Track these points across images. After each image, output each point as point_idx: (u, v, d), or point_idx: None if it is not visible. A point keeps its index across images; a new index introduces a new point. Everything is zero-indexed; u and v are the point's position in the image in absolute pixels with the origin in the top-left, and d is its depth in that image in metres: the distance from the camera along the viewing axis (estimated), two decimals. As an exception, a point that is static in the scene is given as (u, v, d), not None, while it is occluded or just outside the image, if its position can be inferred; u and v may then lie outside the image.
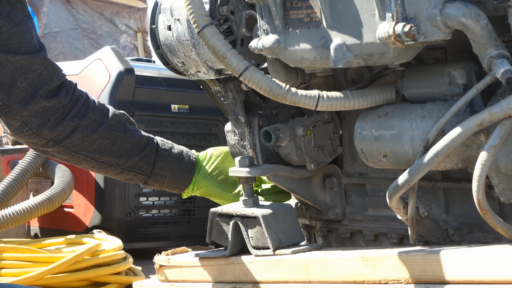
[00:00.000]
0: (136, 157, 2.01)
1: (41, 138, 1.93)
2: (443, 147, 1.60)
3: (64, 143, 1.95)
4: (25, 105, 1.88)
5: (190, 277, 1.99)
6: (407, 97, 1.79)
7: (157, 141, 2.06)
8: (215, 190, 2.09)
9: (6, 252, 2.54)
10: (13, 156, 3.17)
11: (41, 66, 1.90)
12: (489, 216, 1.59)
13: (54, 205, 2.88)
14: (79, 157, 1.98)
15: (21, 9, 1.89)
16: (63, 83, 1.94)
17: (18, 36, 1.86)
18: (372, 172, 2.04)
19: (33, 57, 1.88)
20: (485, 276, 1.49)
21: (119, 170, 2.01)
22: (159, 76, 3.27)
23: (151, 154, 2.03)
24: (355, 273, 1.68)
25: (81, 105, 1.95)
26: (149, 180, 2.04)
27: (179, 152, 2.08)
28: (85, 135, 1.95)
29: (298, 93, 1.70)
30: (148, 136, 2.05)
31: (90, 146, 1.96)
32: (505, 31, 1.59)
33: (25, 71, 1.87)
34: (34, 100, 1.88)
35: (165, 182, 2.06)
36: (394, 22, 1.58)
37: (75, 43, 6.62)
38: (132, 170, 2.02)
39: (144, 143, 2.02)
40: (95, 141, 1.96)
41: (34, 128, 1.91)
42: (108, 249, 2.62)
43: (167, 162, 2.04)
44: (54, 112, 1.91)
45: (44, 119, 1.90)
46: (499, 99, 1.58)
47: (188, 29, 1.97)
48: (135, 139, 2.01)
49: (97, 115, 1.97)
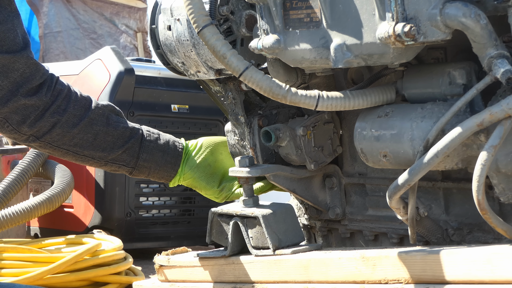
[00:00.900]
0: (119, 150, 2.00)
1: (21, 134, 1.93)
2: (443, 147, 1.60)
3: (44, 138, 1.95)
4: (5, 102, 1.88)
5: (190, 277, 1.99)
6: (407, 97, 1.79)
7: (142, 132, 2.03)
8: (200, 182, 2.08)
9: (6, 252, 2.54)
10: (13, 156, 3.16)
11: (24, 65, 1.89)
12: (489, 216, 1.59)
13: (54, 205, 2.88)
14: (61, 151, 1.98)
15: (8, 5, 1.87)
16: (45, 80, 1.94)
17: (2, 34, 1.85)
18: (372, 172, 2.04)
19: (16, 56, 1.88)
20: (485, 276, 1.49)
21: (103, 162, 2.01)
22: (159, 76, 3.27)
23: (135, 146, 2.01)
24: (355, 273, 1.68)
25: (62, 100, 1.94)
26: (134, 171, 2.04)
27: (165, 142, 2.06)
28: (65, 130, 1.95)
29: (298, 93, 1.70)
30: (133, 127, 2.03)
31: (71, 140, 1.96)
32: (505, 31, 1.59)
33: (7, 69, 1.87)
34: (14, 98, 1.88)
35: (150, 173, 2.05)
36: (394, 22, 1.58)
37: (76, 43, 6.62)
38: (115, 162, 2.01)
39: (128, 135, 2.01)
40: (76, 136, 1.96)
41: (14, 124, 1.91)
42: (108, 249, 2.62)
43: (151, 154, 2.03)
44: (34, 110, 1.91)
45: (24, 116, 1.91)
46: (499, 99, 1.58)
47: (188, 29, 1.97)
48: (118, 132, 2.00)
49: (78, 109, 1.96)
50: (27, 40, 1.93)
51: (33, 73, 1.91)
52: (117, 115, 2.03)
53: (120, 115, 2.04)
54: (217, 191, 2.08)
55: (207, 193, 2.09)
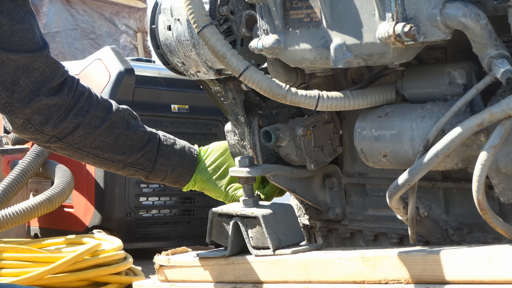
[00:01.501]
0: (138, 153, 2.02)
1: (44, 135, 1.94)
2: (443, 147, 1.60)
3: (66, 139, 1.95)
4: (28, 103, 1.89)
5: (190, 277, 1.99)
6: (407, 97, 1.79)
7: (159, 136, 2.06)
8: (209, 184, 2.10)
9: (6, 252, 2.54)
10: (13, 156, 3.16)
11: (44, 64, 1.90)
12: (489, 216, 1.59)
13: (54, 205, 2.88)
14: (81, 153, 1.99)
15: (23, 6, 1.88)
16: (66, 80, 1.95)
17: (20, 34, 1.86)
18: (372, 172, 2.04)
19: (35, 55, 1.88)
20: (485, 276, 1.49)
21: (121, 166, 2.02)
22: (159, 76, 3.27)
23: (153, 150, 2.03)
24: (355, 273, 1.68)
25: (84, 101, 1.96)
26: (150, 176, 2.05)
27: (181, 147, 2.08)
28: (88, 132, 1.95)
29: (298, 93, 1.70)
30: (151, 131, 2.05)
31: (93, 142, 1.97)
32: (505, 31, 1.59)
33: (28, 69, 1.87)
34: (36, 98, 1.89)
35: (166, 177, 2.07)
36: (394, 22, 1.58)
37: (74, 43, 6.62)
38: (133, 166, 2.03)
39: (146, 139, 2.03)
40: (98, 138, 1.97)
41: (37, 125, 1.92)
42: (108, 249, 2.62)
43: (168, 158, 2.05)
44: (57, 109, 1.92)
45: (47, 116, 1.91)
46: (499, 99, 1.58)
47: (188, 29, 1.97)
48: (137, 136, 2.02)
49: (100, 111, 1.98)
50: (45, 39, 1.94)
51: (54, 72, 1.92)
52: (135, 119, 2.05)
53: (137, 119, 2.06)
54: (225, 193, 2.09)
55: (216, 194, 2.11)
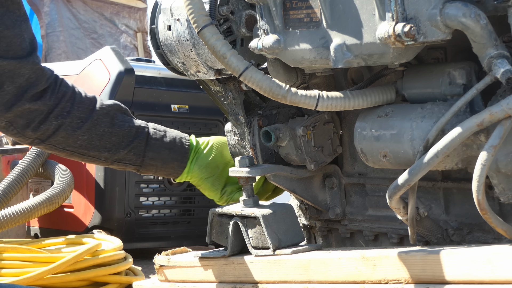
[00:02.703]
0: (124, 149, 2.00)
1: (26, 137, 1.95)
2: (443, 147, 1.60)
3: (49, 141, 1.95)
4: (10, 107, 1.89)
5: (190, 277, 1.99)
6: (407, 97, 1.79)
7: (148, 130, 2.03)
8: (206, 183, 2.08)
9: (6, 252, 2.54)
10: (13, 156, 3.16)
11: (29, 71, 1.90)
12: (489, 216, 1.59)
13: (54, 205, 2.88)
14: (66, 153, 1.99)
15: (17, 9, 1.88)
16: (50, 85, 1.94)
17: (8, 40, 1.86)
18: (372, 172, 2.04)
19: (22, 62, 1.88)
20: (485, 276, 1.49)
21: (109, 162, 2.02)
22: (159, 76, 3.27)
23: (141, 145, 2.01)
24: (355, 273, 1.68)
25: (66, 102, 1.95)
26: (141, 169, 2.05)
27: (171, 140, 2.05)
28: (70, 132, 1.95)
29: (298, 93, 1.70)
30: (139, 125, 2.03)
31: (76, 142, 1.97)
32: (505, 31, 1.59)
33: (13, 75, 1.87)
34: (19, 102, 1.89)
35: (157, 170, 2.06)
36: (394, 22, 1.58)
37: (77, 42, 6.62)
38: (122, 161, 2.02)
39: (133, 134, 2.01)
40: (81, 138, 1.96)
41: (19, 128, 1.93)
42: (108, 249, 2.62)
43: (157, 152, 2.03)
44: (39, 114, 1.92)
45: (28, 120, 1.91)
46: (499, 99, 1.58)
47: (188, 29, 1.97)
48: (123, 132, 2.00)
49: (82, 111, 1.97)
50: (34, 44, 1.93)
51: (39, 78, 1.91)
52: (123, 114, 2.03)
53: (126, 113, 2.04)
54: (219, 195, 2.08)
55: (210, 194, 2.10)
